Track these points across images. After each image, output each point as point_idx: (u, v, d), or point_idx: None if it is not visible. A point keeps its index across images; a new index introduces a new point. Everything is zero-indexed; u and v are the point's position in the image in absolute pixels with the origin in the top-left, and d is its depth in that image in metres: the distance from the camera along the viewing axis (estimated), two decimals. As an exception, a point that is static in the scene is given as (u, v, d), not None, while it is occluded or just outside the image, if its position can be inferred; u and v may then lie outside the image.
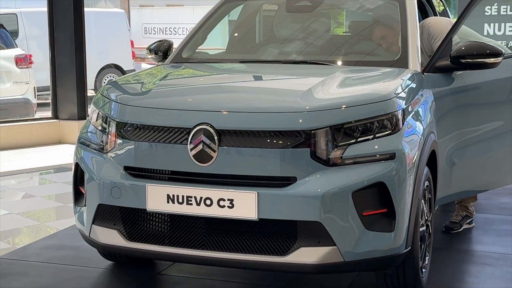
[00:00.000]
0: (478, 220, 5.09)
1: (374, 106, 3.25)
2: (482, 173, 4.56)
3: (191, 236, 3.21)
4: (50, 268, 4.09)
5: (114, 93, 3.61)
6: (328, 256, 3.07)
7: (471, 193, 4.77)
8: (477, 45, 3.93)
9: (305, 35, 4.63)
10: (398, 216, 3.16)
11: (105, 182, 3.31)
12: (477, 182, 4.58)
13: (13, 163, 7.34)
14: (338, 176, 3.09)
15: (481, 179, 4.59)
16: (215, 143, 3.12)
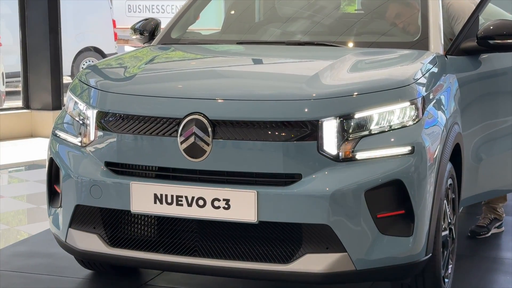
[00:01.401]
0: (508, 224, 5.10)
1: (390, 93, 3.25)
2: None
3: (181, 242, 3.20)
4: (22, 278, 4.09)
5: (93, 78, 3.61)
6: (338, 264, 3.07)
7: (500, 192, 4.77)
8: (507, 24, 3.93)
9: (312, 13, 4.63)
10: (417, 219, 3.16)
11: (84, 180, 3.30)
12: (507, 180, 4.58)
13: (-22, 159, 7.34)
14: (348, 173, 3.10)
15: (510, 177, 4.58)
16: (208, 136, 3.12)
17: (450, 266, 3.71)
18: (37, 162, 7.00)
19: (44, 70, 8.51)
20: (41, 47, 8.49)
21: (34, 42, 8.52)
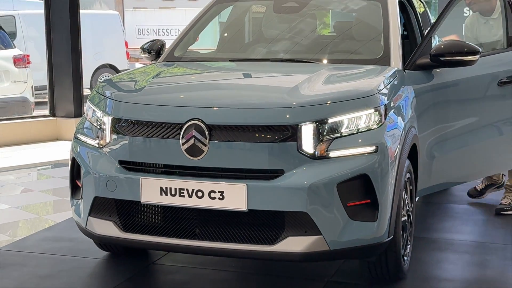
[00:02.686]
0: (458, 211, 5.14)
1: (357, 101, 3.26)
2: (459, 166, 4.58)
3: (183, 227, 3.21)
4: (48, 259, 4.08)
5: (109, 90, 3.61)
6: (314, 245, 3.08)
7: (449, 185, 4.80)
8: (455, 44, 3.96)
9: (292, 35, 4.63)
10: (381, 207, 3.18)
11: (101, 176, 3.31)
12: (455, 175, 4.61)
13: (12, 159, 7.31)
14: (323, 168, 3.11)
15: (458, 172, 4.61)
16: (206, 138, 3.13)
17: (409, 246, 3.72)
18: (62, 162, 6.98)
19: (67, 84, 8.48)
20: (64, 64, 8.47)
21: (59, 60, 8.50)
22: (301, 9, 4.71)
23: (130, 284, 3.69)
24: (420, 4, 5.54)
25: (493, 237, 4.48)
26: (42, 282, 3.72)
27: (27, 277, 3.78)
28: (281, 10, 4.80)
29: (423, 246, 4.22)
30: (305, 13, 4.72)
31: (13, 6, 16.28)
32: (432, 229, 4.66)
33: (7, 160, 7.24)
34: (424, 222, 4.77)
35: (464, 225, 4.77)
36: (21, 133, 8.31)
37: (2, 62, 9.54)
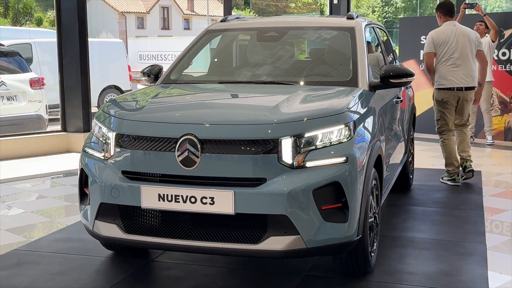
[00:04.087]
0: (417, 212, 5.16)
1: (330, 118, 3.27)
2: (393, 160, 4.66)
3: (178, 229, 3.19)
4: (59, 257, 4.05)
5: (113, 109, 3.60)
6: (293, 243, 3.08)
7: None
8: (396, 68, 4.08)
9: (273, 60, 4.65)
10: (351, 210, 3.18)
11: (106, 184, 3.29)
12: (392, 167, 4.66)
13: (28, 169, 7.27)
14: (301, 177, 3.10)
15: None
16: (198, 151, 3.12)
17: (375, 244, 3.73)
18: (72, 171, 6.95)
19: (77, 102, 8.47)
20: (74, 85, 8.45)
21: (69, 82, 8.48)
22: (281, 38, 4.73)
23: (132, 279, 3.66)
24: (383, 33, 5.58)
25: (447, 235, 4.50)
26: (54, 278, 3.68)
27: (41, 274, 3.75)
28: (263, 39, 4.82)
29: (388, 244, 4.23)
30: (284, 42, 4.74)
31: (29, 35, 16.30)
32: (396, 228, 4.66)
33: (23, 170, 7.21)
34: (389, 223, 4.77)
35: (423, 225, 4.79)
36: (36, 146, 8.29)
37: (20, 84, 9.52)
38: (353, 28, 4.43)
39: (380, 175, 3.84)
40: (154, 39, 34.83)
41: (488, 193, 5.85)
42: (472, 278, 3.62)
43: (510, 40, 8.92)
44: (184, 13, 48.19)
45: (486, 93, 8.71)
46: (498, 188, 6.17)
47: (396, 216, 5.00)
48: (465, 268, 3.79)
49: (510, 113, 9.01)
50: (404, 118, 5.36)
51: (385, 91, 4.36)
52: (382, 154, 3.85)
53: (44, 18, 42.69)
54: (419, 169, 6.90)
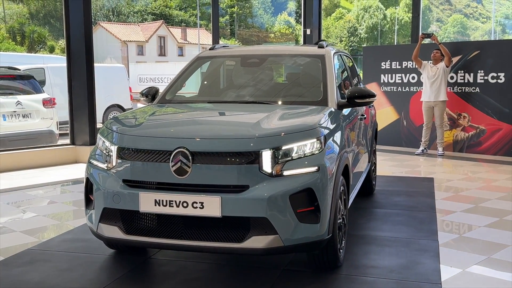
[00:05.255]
0: (378, 214, 5.16)
1: (304, 133, 3.27)
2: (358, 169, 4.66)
3: (172, 230, 3.16)
4: (67, 255, 3.98)
5: (115, 126, 3.56)
6: (272, 242, 3.06)
7: None
8: (360, 89, 4.09)
9: (255, 83, 4.65)
10: (322, 212, 3.17)
11: (109, 191, 3.25)
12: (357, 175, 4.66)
13: (41, 178, 7.18)
14: (279, 184, 3.09)
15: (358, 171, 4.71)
16: (189, 162, 3.10)
17: (343, 242, 3.72)
18: (79, 180, 6.87)
19: (84, 119, 8.41)
20: (82, 104, 8.39)
21: (78, 101, 8.42)
22: (261, 63, 4.74)
23: (132, 274, 3.61)
24: (349, 59, 5.61)
25: (405, 234, 4.51)
26: (62, 274, 3.61)
27: (51, 270, 3.68)
28: (246, 64, 4.82)
29: (354, 241, 4.23)
30: (265, 67, 4.75)
31: (43, 61, 16.18)
32: (361, 228, 4.66)
33: (37, 179, 7.12)
34: (355, 223, 4.78)
35: (384, 225, 4.79)
36: (48, 158, 8.20)
37: (34, 104, 9.42)
38: (323, 56, 4.46)
39: (347, 182, 3.84)
40: (152, 64, 34.77)
41: (439, 197, 5.88)
42: (427, 270, 3.62)
43: (457, 65, 9.03)
44: (178, 42, 48.16)
45: (440, 110, 8.80)
46: (448, 192, 6.21)
47: (362, 217, 5.00)
48: (421, 262, 3.79)
49: (457, 128, 9.11)
50: (368, 132, 5.38)
51: (351, 109, 4.38)
52: (349, 164, 3.86)
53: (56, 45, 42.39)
54: (381, 176, 6.94)
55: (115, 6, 44.76)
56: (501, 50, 8.65)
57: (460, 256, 3.96)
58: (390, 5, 48.57)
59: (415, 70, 9.50)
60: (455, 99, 9.05)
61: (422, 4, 11.04)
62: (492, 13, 52.27)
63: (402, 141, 9.79)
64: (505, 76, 8.55)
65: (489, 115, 8.73)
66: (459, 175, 7.25)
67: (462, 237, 4.47)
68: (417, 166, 8.01)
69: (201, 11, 45.62)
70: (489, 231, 4.59)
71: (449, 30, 49.94)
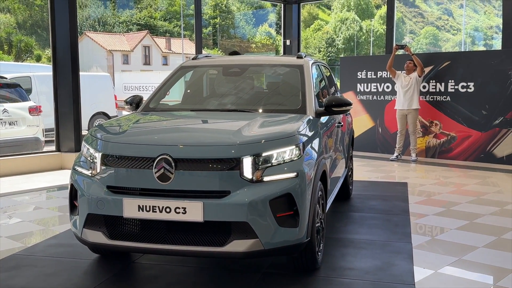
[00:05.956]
0: (355, 217, 5.18)
1: (283, 140, 3.27)
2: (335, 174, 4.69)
3: (155, 234, 3.12)
4: (52, 260, 3.92)
5: (99, 133, 3.52)
6: (253, 246, 3.05)
7: None
8: (337, 98, 4.11)
9: (236, 91, 4.64)
10: (301, 216, 3.17)
11: (93, 197, 3.20)
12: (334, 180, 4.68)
13: (27, 184, 7.07)
14: (259, 189, 3.08)
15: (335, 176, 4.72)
16: (172, 168, 3.07)
17: (321, 245, 3.72)
18: (65, 186, 6.78)
19: (70, 127, 8.32)
20: (67, 112, 8.31)
21: (63, 109, 8.33)
22: (243, 73, 4.74)
23: (116, 278, 3.56)
24: (326, 69, 5.64)
25: (380, 236, 4.53)
26: (47, 279, 3.55)
27: (36, 275, 3.62)
28: (228, 73, 4.82)
29: (332, 244, 4.23)
30: (246, 76, 4.75)
31: (30, 70, 15.99)
32: (338, 231, 4.67)
33: (23, 185, 7.01)
34: (333, 226, 4.79)
35: (361, 228, 4.81)
36: (34, 165, 8.08)
37: (20, 111, 9.29)
38: (302, 66, 4.47)
39: (325, 187, 3.84)
40: (137, 73, 34.55)
41: (413, 201, 5.93)
42: (401, 272, 3.64)
43: (428, 75, 9.15)
44: (162, 51, 47.98)
45: (413, 118, 8.90)
46: (421, 196, 6.26)
47: (339, 221, 5.01)
48: (395, 263, 3.81)
49: (430, 135, 9.21)
50: (344, 139, 5.41)
51: (329, 117, 4.40)
52: (327, 170, 3.87)
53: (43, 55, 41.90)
54: (357, 181, 6.97)
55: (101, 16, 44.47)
56: (471, 61, 8.79)
57: (432, 258, 3.99)
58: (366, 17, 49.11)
59: (389, 80, 9.59)
60: (427, 107, 9.15)
61: (396, 17, 11.17)
62: (462, 25, 53.18)
63: (377, 147, 9.86)
64: (475, 85, 8.69)
65: (460, 122, 8.85)
66: (432, 180, 7.32)
67: (434, 239, 4.51)
68: (392, 171, 8.08)
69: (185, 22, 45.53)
70: (460, 234, 4.64)
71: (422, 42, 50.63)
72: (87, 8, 42.38)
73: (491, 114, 8.51)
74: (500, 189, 6.65)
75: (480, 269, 3.77)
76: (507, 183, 7.08)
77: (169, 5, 46.02)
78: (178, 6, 45.51)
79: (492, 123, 8.51)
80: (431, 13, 55.20)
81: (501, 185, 6.92)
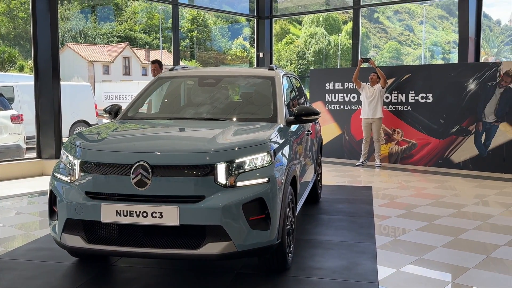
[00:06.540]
0: (323, 219, 5.20)
1: (255, 147, 3.26)
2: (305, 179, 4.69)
3: (132, 238, 3.07)
4: (33, 264, 3.81)
5: (78, 141, 3.45)
6: (227, 248, 3.03)
7: None
8: (306, 108, 4.12)
9: (212, 101, 4.62)
10: (272, 219, 3.17)
11: (71, 203, 3.13)
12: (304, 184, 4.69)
13: (9, 190, 6.88)
14: (232, 194, 3.07)
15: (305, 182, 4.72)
16: (149, 174, 3.03)
17: (292, 246, 3.72)
18: (45, 191, 6.62)
19: (50, 134, 8.16)
20: (48, 121, 8.15)
21: (44, 117, 8.16)
22: (217, 83, 4.72)
23: (94, 280, 3.49)
24: (296, 81, 5.67)
25: (347, 237, 4.56)
26: (27, 282, 3.46)
27: (16, 278, 3.52)
28: (203, 84, 4.79)
29: (302, 245, 4.24)
30: (220, 86, 4.73)
31: (13, 79, 15.64)
32: (308, 233, 4.68)
33: (5, 191, 6.82)
34: (303, 228, 4.79)
35: (328, 230, 4.83)
36: (16, 171, 7.88)
37: (2, 120, 9.08)
38: (273, 77, 4.48)
39: (295, 191, 3.85)
40: (117, 83, 34.13)
41: (377, 204, 5.99)
42: (366, 271, 3.67)
43: (391, 87, 9.29)
44: (142, 62, 47.57)
45: (377, 126, 9.02)
46: (385, 199, 6.33)
47: (308, 223, 5.02)
48: (360, 263, 3.83)
49: (392, 142, 9.34)
50: (314, 146, 5.44)
51: (298, 126, 4.42)
52: (297, 175, 3.87)
53: (25, 65, 41.07)
54: (326, 185, 7.01)
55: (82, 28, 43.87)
56: (430, 73, 8.97)
57: (395, 257, 4.03)
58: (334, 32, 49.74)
59: (355, 91, 9.71)
60: (390, 117, 9.29)
61: (361, 32, 11.34)
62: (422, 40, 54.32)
63: (344, 153, 9.95)
64: (433, 96, 8.86)
65: (420, 130, 9.01)
66: (394, 184, 7.41)
67: (396, 239, 4.56)
68: (358, 176, 8.15)
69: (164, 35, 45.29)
70: (420, 234, 4.70)
71: (385, 55, 51.52)
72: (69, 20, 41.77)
73: (448, 123, 8.69)
74: (457, 192, 6.78)
75: (439, 267, 3.82)
76: (463, 186, 7.23)
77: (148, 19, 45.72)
78: (157, 20, 45.24)
79: (449, 131, 8.69)
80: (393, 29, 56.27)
81: (458, 189, 7.06)
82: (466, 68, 8.54)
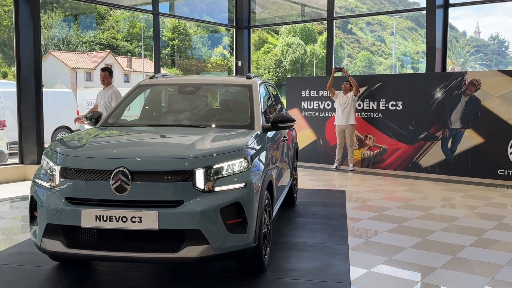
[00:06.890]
0: (299, 222, 5.21)
1: (233, 153, 3.26)
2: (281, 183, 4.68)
3: (112, 243, 3.03)
4: (14, 268, 3.72)
5: (59, 147, 3.39)
6: (205, 251, 3.01)
7: None
8: (282, 115, 4.13)
9: (191, 108, 4.60)
10: (249, 223, 3.16)
11: (52, 208, 3.07)
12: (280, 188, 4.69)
13: (-11, 195, 6.71)
14: (210, 199, 3.05)
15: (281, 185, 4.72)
16: (129, 180, 3.00)
17: (268, 248, 3.72)
18: (27, 196, 6.46)
19: (32, 140, 8.00)
20: (31, 126, 7.99)
21: (27, 123, 8.00)
22: (197, 91, 4.71)
23: (74, 284, 3.42)
24: (273, 89, 5.69)
25: (321, 239, 4.58)
26: (9, 286, 3.37)
27: (-5, 283, 3.42)
28: (183, 92, 4.77)
29: (278, 247, 4.24)
30: (200, 94, 4.72)
31: (-6, 86, 15.30)
32: (284, 235, 4.68)
33: (-15, 196, 6.64)
34: (279, 231, 4.80)
35: (304, 232, 4.84)
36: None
37: (-16, 125, 8.87)
38: (250, 85, 4.49)
39: (271, 195, 3.85)
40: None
41: (350, 207, 6.04)
42: (339, 271, 3.69)
43: (363, 95, 9.40)
44: (124, 70, 47.11)
45: (350, 132, 9.10)
46: (357, 202, 6.38)
47: (284, 226, 5.03)
48: (333, 264, 3.85)
49: (364, 147, 9.44)
50: (289, 151, 5.45)
51: (275, 132, 4.43)
52: (273, 180, 3.88)
53: (9, 72, 40.24)
54: (301, 189, 7.04)
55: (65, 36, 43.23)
56: (400, 82, 9.11)
57: (366, 258, 4.06)
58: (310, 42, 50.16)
59: (329, 98, 9.79)
60: (362, 123, 9.40)
61: (335, 42, 11.46)
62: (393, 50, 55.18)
63: (319, 158, 10.02)
64: (403, 104, 9.00)
65: (390, 136, 9.13)
66: (366, 188, 7.49)
67: (368, 241, 4.60)
68: (332, 180, 8.21)
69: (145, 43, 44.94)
70: (391, 236, 4.75)
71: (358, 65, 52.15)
72: (52, 28, 41.11)
73: (417, 129, 8.83)
74: (425, 195, 6.88)
75: (408, 267, 3.87)
76: (431, 190, 7.34)
77: (130, 27, 45.33)
78: (139, 28, 44.90)
79: (418, 137, 8.83)
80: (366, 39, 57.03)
81: (426, 192, 7.16)
82: (434, 78, 8.70)
